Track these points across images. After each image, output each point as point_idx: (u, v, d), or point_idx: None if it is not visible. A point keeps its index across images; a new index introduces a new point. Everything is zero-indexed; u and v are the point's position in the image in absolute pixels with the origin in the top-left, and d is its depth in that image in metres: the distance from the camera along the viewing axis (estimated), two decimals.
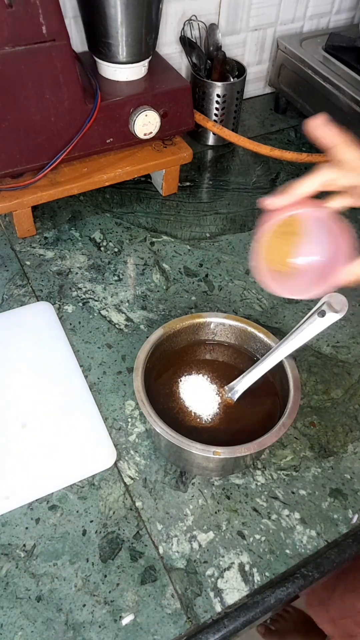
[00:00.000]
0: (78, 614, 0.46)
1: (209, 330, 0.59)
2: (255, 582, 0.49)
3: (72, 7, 0.76)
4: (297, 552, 0.51)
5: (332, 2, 0.99)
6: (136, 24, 0.67)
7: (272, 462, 0.56)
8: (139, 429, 0.58)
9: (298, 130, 0.98)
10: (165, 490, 0.54)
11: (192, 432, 0.52)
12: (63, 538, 0.50)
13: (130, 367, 0.63)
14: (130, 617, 0.46)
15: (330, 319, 0.49)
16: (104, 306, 0.69)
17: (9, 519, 0.51)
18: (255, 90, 1.05)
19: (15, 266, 0.73)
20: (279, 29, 0.97)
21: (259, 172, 0.89)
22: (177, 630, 0.46)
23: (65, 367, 0.61)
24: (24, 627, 0.46)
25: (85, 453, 0.55)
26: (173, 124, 0.75)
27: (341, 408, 0.61)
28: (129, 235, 0.78)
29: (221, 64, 0.87)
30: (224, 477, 0.55)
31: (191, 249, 0.77)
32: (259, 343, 0.58)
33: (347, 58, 0.89)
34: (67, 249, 0.75)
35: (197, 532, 0.51)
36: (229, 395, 0.55)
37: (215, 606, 0.47)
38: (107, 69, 0.72)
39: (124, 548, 0.50)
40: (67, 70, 0.63)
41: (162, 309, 0.69)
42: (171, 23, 0.87)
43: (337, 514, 0.53)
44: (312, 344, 0.66)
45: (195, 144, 0.92)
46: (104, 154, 0.75)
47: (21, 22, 0.57)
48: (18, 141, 0.65)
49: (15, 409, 0.58)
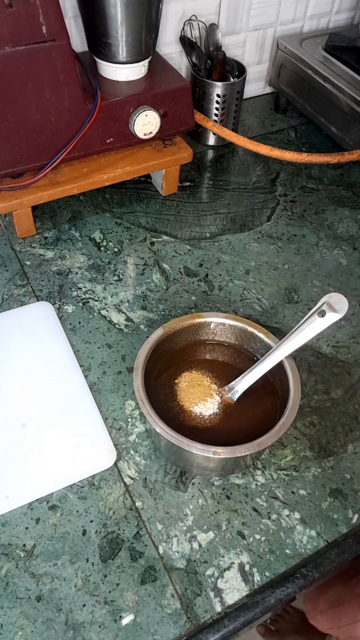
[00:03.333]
0: (78, 614, 0.46)
1: (209, 330, 0.59)
2: (255, 582, 0.49)
3: (72, 7, 0.76)
4: (297, 552, 0.51)
5: (332, 2, 0.99)
6: (136, 24, 0.67)
7: (272, 462, 0.56)
8: (139, 429, 0.58)
9: (298, 130, 0.98)
10: (165, 490, 0.54)
11: (192, 432, 0.52)
12: (63, 538, 0.50)
13: (130, 367, 0.63)
14: (130, 617, 0.46)
15: (330, 319, 0.49)
16: (104, 306, 0.69)
17: (9, 519, 0.51)
18: (255, 90, 1.05)
19: (15, 266, 0.73)
20: (279, 29, 0.97)
21: (259, 172, 0.89)
22: (177, 630, 0.46)
23: (65, 367, 0.61)
24: (24, 627, 0.46)
25: (85, 453, 0.55)
26: (173, 124, 0.75)
27: (341, 408, 0.61)
28: (129, 235, 0.78)
29: (221, 64, 0.87)
30: (224, 477, 0.55)
31: (191, 249, 0.77)
32: (259, 343, 0.58)
33: (347, 58, 0.89)
34: (67, 249, 0.75)
35: (197, 532, 0.51)
36: (229, 395, 0.55)
37: (215, 606, 0.47)
38: (107, 69, 0.72)
39: (124, 548, 0.50)
40: (67, 70, 0.63)
41: (162, 309, 0.69)
42: (171, 23, 0.87)
43: (337, 514, 0.53)
44: (312, 344, 0.66)
45: (195, 144, 0.92)
46: (104, 154, 0.75)
47: (21, 22, 0.57)
48: (18, 141, 0.66)
49: (15, 409, 0.58)
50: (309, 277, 0.74)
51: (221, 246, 0.77)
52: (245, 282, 0.73)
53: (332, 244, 0.79)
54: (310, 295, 0.72)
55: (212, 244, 0.78)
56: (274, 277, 0.74)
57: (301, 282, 0.73)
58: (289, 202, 0.85)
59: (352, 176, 0.90)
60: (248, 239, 0.79)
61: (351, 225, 0.81)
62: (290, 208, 0.84)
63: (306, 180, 0.89)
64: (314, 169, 0.91)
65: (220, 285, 0.72)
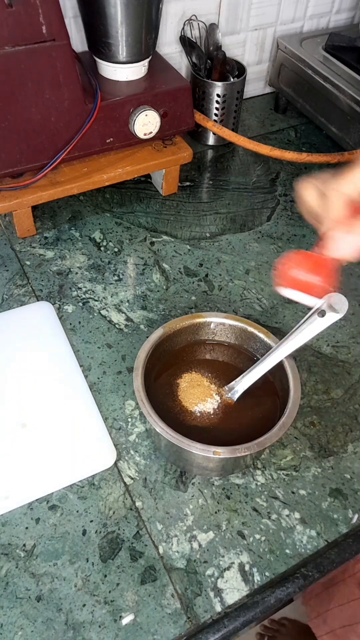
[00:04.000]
0: (78, 613, 0.46)
1: (209, 330, 0.59)
2: (255, 582, 0.49)
3: (72, 7, 0.76)
4: (297, 552, 0.51)
5: (332, 2, 0.99)
6: (136, 24, 0.67)
7: (272, 462, 0.56)
8: (139, 428, 0.58)
9: (298, 130, 0.98)
10: (165, 490, 0.54)
11: (192, 432, 0.52)
12: (63, 538, 0.50)
13: (130, 367, 0.63)
14: (130, 617, 0.46)
15: (330, 319, 0.49)
16: (104, 306, 0.69)
17: (9, 519, 0.51)
18: (255, 90, 1.05)
19: (15, 266, 0.73)
20: (279, 28, 0.97)
21: (259, 172, 0.89)
22: (177, 630, 0.46)
23: (65, 367, 0.61)
24: (24, 627, 0.46)
25: (85, 453, 0.55)
26: (173, 123, 0.75)
27: (341, 408, 0.61)
28: (129, 235, 0.78)
29: (221, 64, 0.87)
30: (224, 477, 0.55)
31: (191, 249, 0.77)
32: (259, 343, 0.58)
33: (347, 58, 0.89)
34: (67, 249, 0.75)
35: (197, 532, 0.51)
36: (229, 395, 0.55)
37: (215, 606, 0.47)
38: (107, 69, 0.72)
39: (124, 548, 0.50)
40: (67, 70, 0.63)
41: (162, 308, 0.69)
42: (171, 23, 0.87)
43: (337, 513, 0.53)
44: (312, 344, 0.66)
45: (195, 144, 0.92)
46: (104, 153, 0.75)
47: (21, 22, 0.57)
48: (18, 141, 0.66)
49: (15, 409, 0.58)
50: None
51: (221, 246, 0.77)
52: (245, 282, 0.73)
53: None
54: None
55: (212, 244, 0.78)
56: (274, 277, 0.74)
57: None
58: (289, 202, 0.85)
59: None
60: (248, 239, 0.79)
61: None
62: (290, 208, 0.84)
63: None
64: (314, 169, 0.91)
65: (220, 285, 0.72)
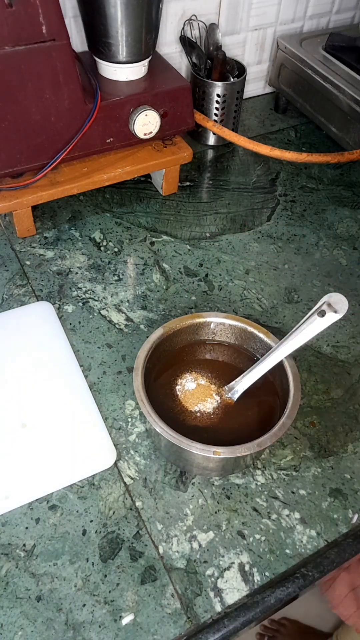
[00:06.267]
0: (78, 613, 0.46)
1: (209, 330, 0.59)
2: (255, 582, 0.49)
3: (72, 7, 0.76)
4: (297, 552, 0.51)
5: (332, 2, 0.99)
6: (136, 24, 0.67)
7: (272, 462, 0.56)
8: (139, 428, 0.58)
9: (298, 130, 0.98)
10: (165, 490, 0.54)
11: (192, 432, 0.52)
12: (63, 538, 0.50)
13: (130, 366, 0.63)
14: (130, 617, 0.46)
15: (330, 319, 0.49)
16: (104, 306, 0.69)
17: (9, 518, 0.51)
18: (255, 90, 1.05)
19: (15, 266, 0.73)
20: (279, 28, 0.97)
21: (259, 172, 0.89)
22: (177, 630, 0.46)
23: (65, 367, 0.61)
24: (24, 627, 0.46)
25: (85, 453, 0.55)
26: (173, 123, 0.75)
27: (341, 408, 0.61)
28: (129, 235, 0.78)
29: (221, 64, 0.87)
30: (224, 477, 0.55)
31: (191, 249, 0.77)
32: (259, 343, 0.58)
33: (347, 58, 0.89)
34: (67, 249, 0.75)
35: (197, 532, 0.51)
36: (229, 395, 0.55)
37: (215, 606, 0.48)
38: (107, 69, 0.72)
39: (124, 548, 0.50)
40: (67, 70, 0.63)
41: (162, 308, 0.69)
42: (171, 23, 0.87)
43: (337, 513, 0.53)
44: (312, 344, 0.66)
45: (195, 144, 0.92)
46: (104, 153, 0.75)
47: (21, 22, 0.57)
48: (18, 141, 0.66)
49: (15, 409, 0.58)
50: (309, 277, 0.74)
51: (221, 246, 0.77)
52: (245, 282, 0.73)
53: (332, 244, 0.79)
54: (310, 295, 0.72)
55: (212, 244, 0.78)
56: (274, 277, 0.74)
57: (301, 282, 0.73)
58: (289, 202, 0.85)
59: (352, 176, 0.90)
60: (248, 239, 0.79)
61: (351, 225, 0.82)
62: (290, 208, 0.84)
63: (306, 180, 0.89)
64: (314, 169, 0.91)
65: (220, 285, 0.72)
